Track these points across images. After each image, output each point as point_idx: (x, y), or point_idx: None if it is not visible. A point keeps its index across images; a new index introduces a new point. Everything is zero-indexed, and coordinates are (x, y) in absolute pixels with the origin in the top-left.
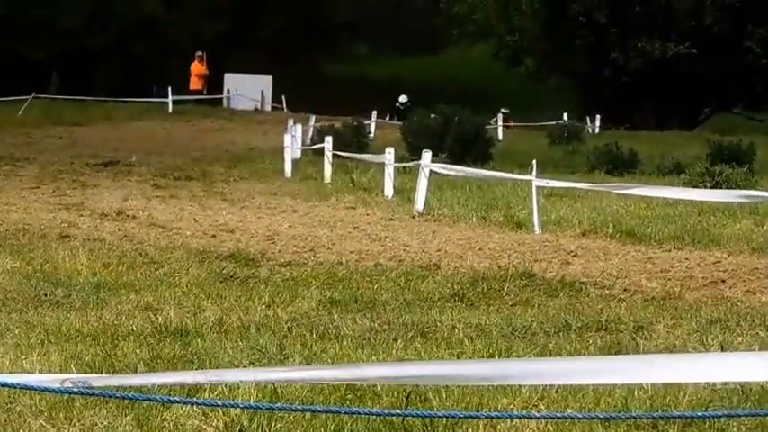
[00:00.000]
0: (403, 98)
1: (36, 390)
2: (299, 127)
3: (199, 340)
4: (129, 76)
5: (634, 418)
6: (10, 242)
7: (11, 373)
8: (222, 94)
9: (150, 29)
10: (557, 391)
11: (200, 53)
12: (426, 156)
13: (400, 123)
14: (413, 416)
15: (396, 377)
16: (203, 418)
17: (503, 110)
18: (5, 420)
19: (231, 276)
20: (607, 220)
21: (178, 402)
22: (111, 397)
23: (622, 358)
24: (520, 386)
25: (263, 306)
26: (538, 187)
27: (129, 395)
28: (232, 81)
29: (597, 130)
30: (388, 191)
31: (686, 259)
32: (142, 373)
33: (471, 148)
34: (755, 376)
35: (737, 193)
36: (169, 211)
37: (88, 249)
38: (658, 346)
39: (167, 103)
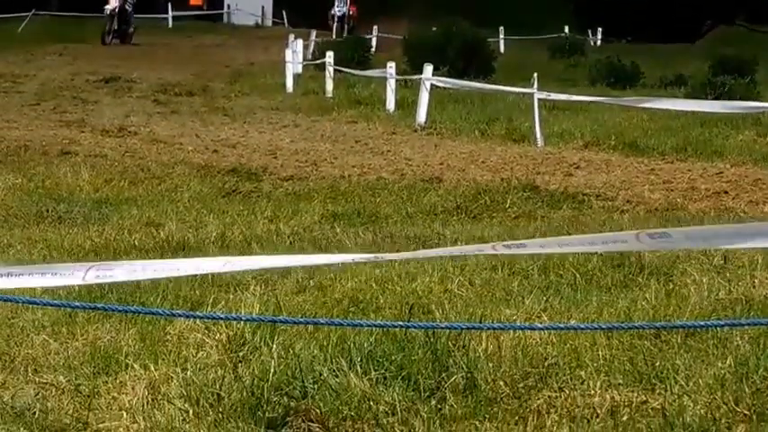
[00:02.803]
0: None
1: (39, 305)
2: (299, 42)
3: (201, 255)
4: None
5: (637, 328)
6: (11, 159)
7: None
8: (222, 9)
9: None
10: (559, 302)
11: None
12: (428, 69)
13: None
14: (415, 327)
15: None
16: (206, 331)
17: None
18: (8, 335)
19: (233, 191)
20: (609, 132)
21: (181, 316)
22: (113, 311)
23: None
24: (523, 297)
25: (266, 220)
26: (539, 100)
27: (133, 308)
28: None
29: (599, 43)
30: (390, 105)
31: (689, 171)
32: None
33: (473, 62)
34: None
35: (739, 105)
36: (170, 126)
37: (90, 165)
38: (661, 256)
39: (167, 18)
